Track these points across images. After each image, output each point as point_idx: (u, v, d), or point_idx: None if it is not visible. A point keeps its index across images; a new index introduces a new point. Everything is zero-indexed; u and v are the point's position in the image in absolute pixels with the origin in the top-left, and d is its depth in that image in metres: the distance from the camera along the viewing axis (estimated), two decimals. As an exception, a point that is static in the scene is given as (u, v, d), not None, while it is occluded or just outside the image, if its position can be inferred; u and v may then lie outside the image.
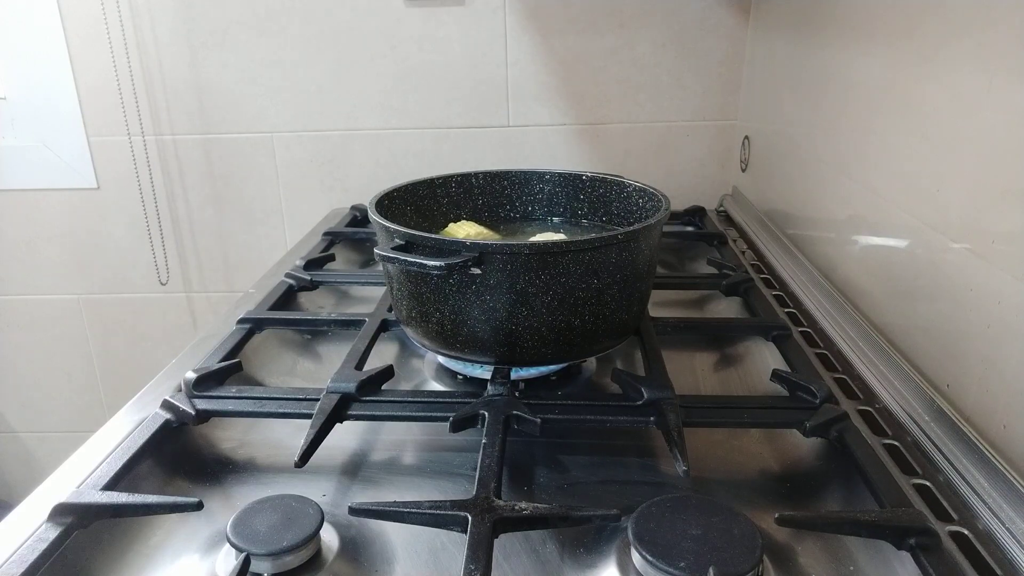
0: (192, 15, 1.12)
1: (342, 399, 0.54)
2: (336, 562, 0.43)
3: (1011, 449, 0.47)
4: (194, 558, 0.44)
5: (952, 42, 0.55)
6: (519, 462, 0.53)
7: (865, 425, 0.54)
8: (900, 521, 0.42)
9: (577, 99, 1.15)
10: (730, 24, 1.10)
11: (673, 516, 0.43)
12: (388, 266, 0.60)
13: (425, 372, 0.66)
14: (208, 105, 1.17)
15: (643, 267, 0.58)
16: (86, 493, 0.45)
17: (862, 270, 0.72)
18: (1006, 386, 0.48)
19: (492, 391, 0.55)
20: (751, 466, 0.53)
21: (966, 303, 0.53)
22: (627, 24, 1.11)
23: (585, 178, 0.74)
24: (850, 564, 0.42)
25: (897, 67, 0.64)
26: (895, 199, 0.64)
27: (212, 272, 1.29)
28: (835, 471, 0.51)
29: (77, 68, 1.16)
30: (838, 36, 0.77)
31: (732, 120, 1.16)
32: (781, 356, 0.64)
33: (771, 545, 0.44)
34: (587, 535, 0.45)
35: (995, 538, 0.43)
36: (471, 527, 0.41)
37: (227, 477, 0.52)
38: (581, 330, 0.56)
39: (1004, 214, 0.49)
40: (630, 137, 1.17)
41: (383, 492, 0.50)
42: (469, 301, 0.54)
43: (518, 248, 0.52)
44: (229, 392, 0.57)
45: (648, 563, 0.40)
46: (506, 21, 1.11)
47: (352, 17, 1.11)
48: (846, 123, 0.75)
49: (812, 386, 0.55)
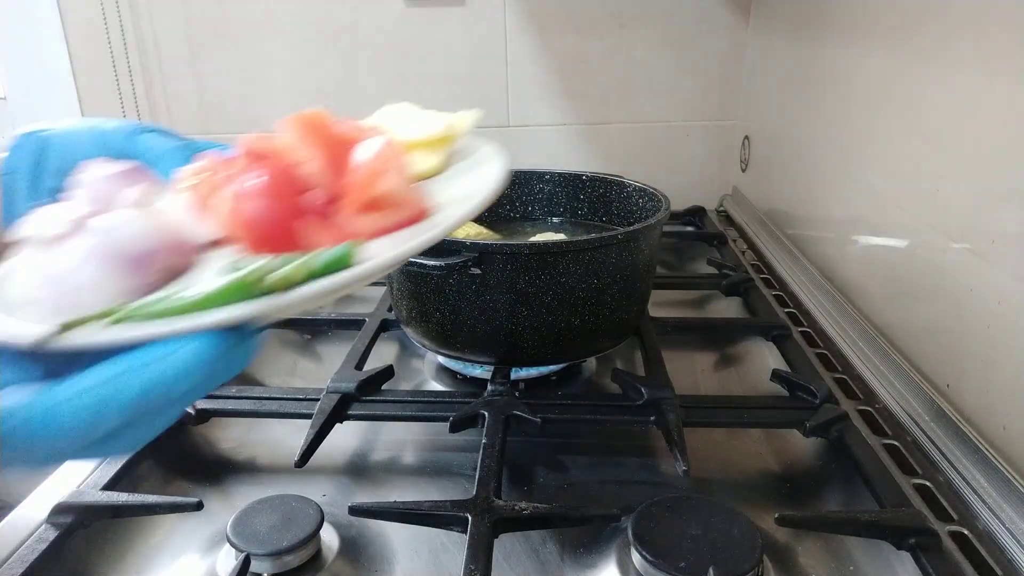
0: (192, 15, 1.12)
1: (342, 399, 0.54)
2: (336, 562, 0.43)
3: (1011, 449, 0.47)
4: (194, 558, 0.44)
5: (952, 42, 0.55)
6: (519, 462, 0.53)
7: (865, 425, 0.54)
8: (900, 521, 0.42)
9: (577, 99, 1.15)
10: (730, 24, 1.10)
11: (673, 516, 0.43)
12: (388, 266, 0.59)
13: (425, 372, 0.66)
14: (208, 105, 1.17)
15: (643, 267, 0.58)
16: (86, 493, 0.45)
17: (862, 270, 0.72)
18: (1006, 386, 0.48)
19: (492, 391, 0.55)
20: (751, 466, 0.53)
21: (966, 303, 0.53)
22: (627, 24, 1.10)
23: (585, 178, 0.74)
24: (850, 564, 0.42)
25: (897, 67, 0.64)
26: (895, 199, 0.64)
27: (212, 272, 1.29)
28: (835, 471, 0.51)
29: (77, 68, 1.16)
30: (838, 36, 0.77)
31: (732, 120, 1.16)
32: (781, 356, 0.64)
33: (771, 545, 0.44)
34: (587, 535, 0.45)
35: (995, 538, 0.43)
36: (471, 527, 0.41)
37: (227, 477, 0.52)
38: (581, 330, 0.56)
39: (1004, 214, 0.49)
40: (630, 137, 1.17)
41: (383, 492, 0.50)
42: (469, 301, 0.54)
43: (518, 248, 0.52)
44: (229, 392, 0.57)
45: (648, 563, 0.40)
46: (506, 21, 1.11)
47: (352, 17, 1.11)
48: (846, 123, 0.75)
49: (812, 386, 0.55)
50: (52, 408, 0.22)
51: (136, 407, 0.22)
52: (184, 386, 0.23)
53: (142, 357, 0.23)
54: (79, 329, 0.23)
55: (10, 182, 0.38)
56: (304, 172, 0.30)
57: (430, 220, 0.30)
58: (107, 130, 0.38)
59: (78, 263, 0.26)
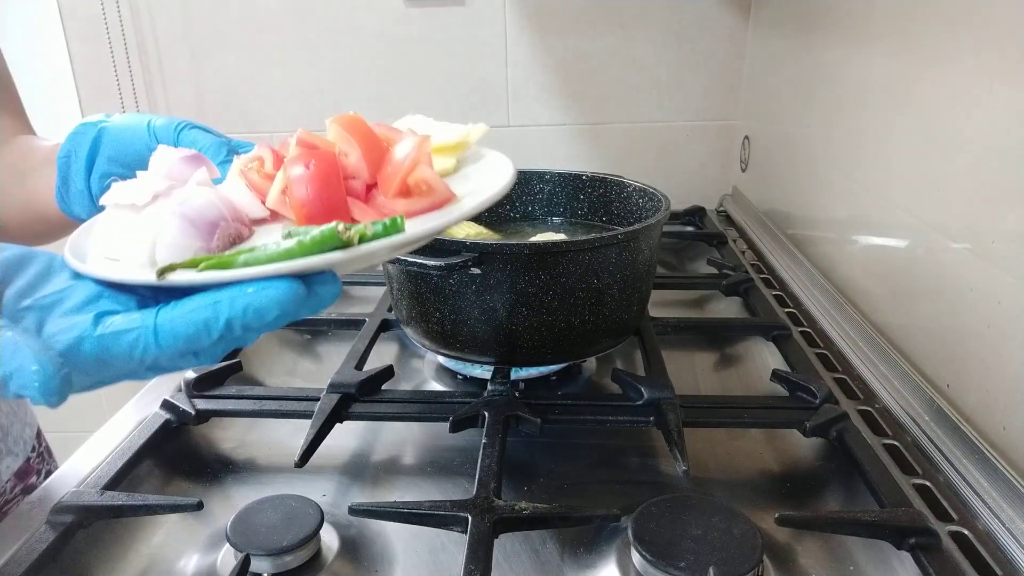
0: (192, 15, 1.12)
1: (342, 399, 0.54)
2: (336, 562, 0.43)
3: (1011, 449, 0.47)
4: (194, 558, 0.44)
5: (952, 42, 0.55)
6: (519, 462, 0.53)
7: (865, 425, 0.54)
8: (900, 521, 0.42)
9: (577, 99, 1.15)
10: (730, 24, 1.10)
11: (673, 516, 0.43)
12: (388, 266, 0.60)
13: (425, 372, 0.66)
14: (208, 105, 1.17)
15: (643, 267, 0.58)
16: (86, 493, 0.45)
17: (862, 270, 0.72)
18: (1006, 386, 0.48)
19: (492, 391, 0.55)
20: (751, 466, 0.53)
21: (966, 303, 0.53)
22: (627, 24, 1.10)
23: (585, 178, 0.74)
24: (850, 564, 0.42)
25: (897, 67, 0.64)
26: (895, 199, 0.64)
27: (212, 272, 1.29)
28: (835, 471, 0.51)
29: (77, 68, 1.16)
30: (838, 36, 0.77)
31: (732, 120, 1.16)
32: (781, 356, 0.64)
33: (771, 545, 0.44)
34: (587, 535, 0.45)
35: (995, 538, 0.43)
36: (471, 527, 0.41)
37: (227, 477, 0.52)
38: (581, 330, 0.56)
39: (1004, 214, 0.49)
40: (630, 137, 1.17)
41: (383, 492, 0.50)
42: (469, 301, 0.54)
43: (518, 248, 0.52)
44: (229, 392, 0.57)
45: (648, 563, 0.40)
46: (506, 21, 1.11)
47: (352, 17, 1.11)
48: (846, 123, 0.75)
49: (812, 386, 0.55)
50: (170, 320, 0.29)
51: (234, 324, 0.29)
52: (273, 314, 0.29)
53: (241, 288, 0.29)
54: (175, 273, 0.30)
55: (66, 164, 0.45)
56: (346, 163, 0.36)
57: (455, 204, 0.36)
58: (157, 125, 0.46)
59: (162, 225, 0.32)
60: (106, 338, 0.28)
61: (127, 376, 0.30)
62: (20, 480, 0.59)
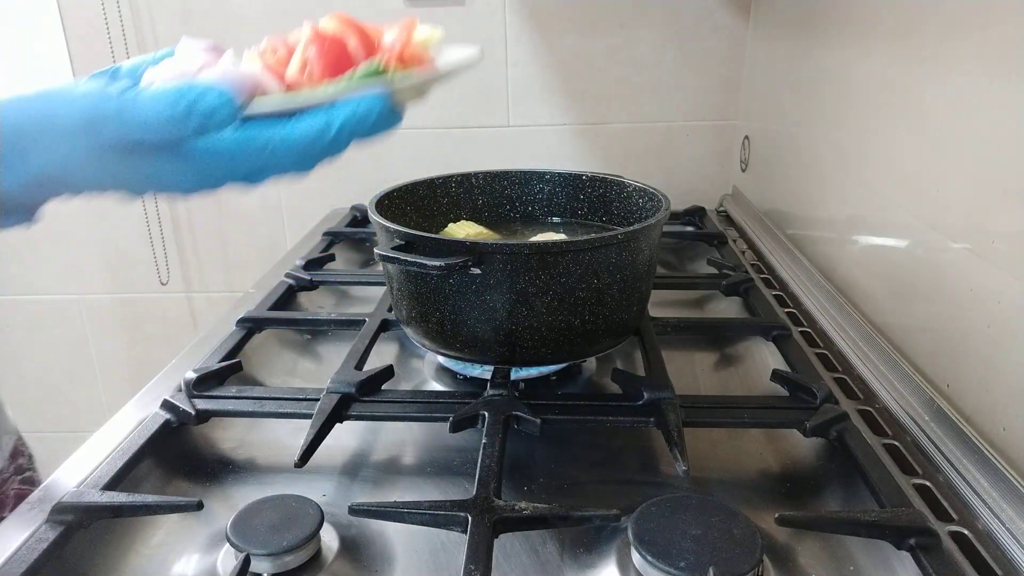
0: (192, 15, 1.12)
1: (342, 399, 0.54)
2: (336, 562, 0.43)
3: (1011, 449, 0.47)
4: (194, 558, 0.44)
5: (952, 42, 0.55)
6: (519, 462, 0.53)
7: (865, 425, 0.54)
8: (900, 521, 0.42)
9: (577, 99, 1.15)
10: (730, 24, 1.10)
11: (673, 516, 0.43)
12: (388, 266, 0.60)
13: (425, 372, 0.66)
14: (208, 105, 1.17)
15: (643, 267, 0.58)
16: (86, 493, 0.45)
17: (862, 270, 0.72)
18: (1006, 386, 0.48)
19: (492, 391, 0.55)
20: (751, 466, 0.53)
21: (966, 303, 0.53)
22: (627, 24, 1.10)
23: (585, 178, 0.74)
24: (850, 564, 0.42)
25: (897, 67, 0.64)
26: (895, 199, 0.64)
27: (212, 272, 1.29)
28: (835, 471, 0.51)
29: (77, 68, 1.16)
30: (838, 36, 0.77)
31: (732, 120, 1.16)
32: (781, 356, 0.64)
33: (771, 545, 0.44)
34: (587, 535, 0.45)
35: (995, 538, 0.43)
36: (471, 527, 0.41)
37: (227, 477, 0.52)
38: (581, 330, 0.56)
39: (1004, 214, 0.49)
40: (630, 137, 1.17)
41: (383, 492, 0.50)
42: (469, 301, 0.54)
43: (518, 248, 0.52)
44: (229, 392, 0.57)
45: (648, 563, 0.40)
46: (506, 21, 1.11)
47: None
48: (846, 123, 0.75)
49: (812, 386, 0.55)
50: (291, 128, 0.37)
51: (344, 129, 0.37)
52: (371, 119, 0.38)
53: (341, 104, 0.38)
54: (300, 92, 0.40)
55: None
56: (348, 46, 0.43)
57: (448, 57, 0.46)
58: None
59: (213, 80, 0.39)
60: (251, 126, 0.37)
61: (246, 174, 0.38)
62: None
